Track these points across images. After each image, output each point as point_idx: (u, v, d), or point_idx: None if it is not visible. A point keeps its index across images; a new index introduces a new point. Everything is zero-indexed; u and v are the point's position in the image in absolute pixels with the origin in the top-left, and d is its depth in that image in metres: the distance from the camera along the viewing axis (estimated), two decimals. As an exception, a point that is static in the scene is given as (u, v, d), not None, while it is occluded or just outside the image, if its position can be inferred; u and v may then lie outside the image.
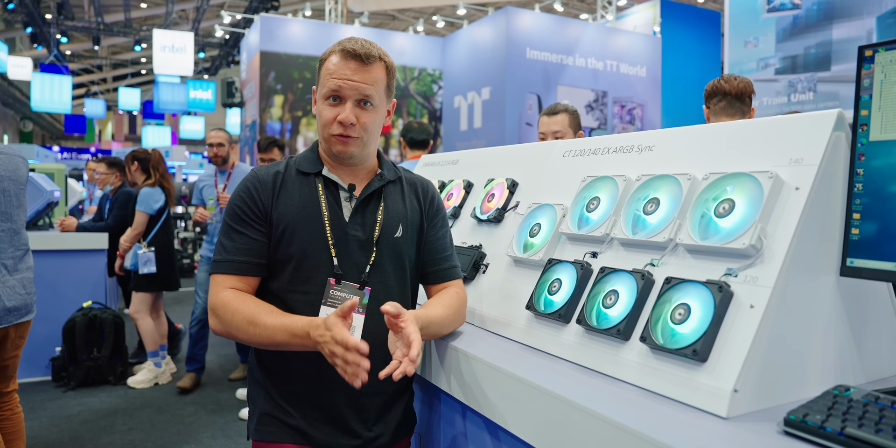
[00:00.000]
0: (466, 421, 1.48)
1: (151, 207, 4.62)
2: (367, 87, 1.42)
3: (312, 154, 1.54)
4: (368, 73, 1.42)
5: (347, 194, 1.49)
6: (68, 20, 16.37)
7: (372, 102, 1.44)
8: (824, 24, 7.85)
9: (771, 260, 1.04)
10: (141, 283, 4.64)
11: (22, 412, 2.67)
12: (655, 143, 1.43)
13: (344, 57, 1.41)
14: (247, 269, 1.42)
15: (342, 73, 1.41)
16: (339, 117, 1.41)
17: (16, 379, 2.63)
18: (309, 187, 1.48)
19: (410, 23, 18.15)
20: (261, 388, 1.49)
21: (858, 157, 1.06)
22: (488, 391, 1.31)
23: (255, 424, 1.48)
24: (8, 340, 2.47)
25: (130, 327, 5.65)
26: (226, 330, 1.37)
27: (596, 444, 1.00)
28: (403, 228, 1.51)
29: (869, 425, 0.83)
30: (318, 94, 1.47)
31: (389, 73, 1.48)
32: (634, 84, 11.89)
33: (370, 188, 1.50)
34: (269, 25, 11.37)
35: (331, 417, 1.43)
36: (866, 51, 1.06)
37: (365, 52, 1.41)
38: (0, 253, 2.38)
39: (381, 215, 1.49)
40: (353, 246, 1.44)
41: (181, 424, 3.90)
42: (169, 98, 17.21)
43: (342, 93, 1.41)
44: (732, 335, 1.02)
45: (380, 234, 1.47)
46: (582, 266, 1.37)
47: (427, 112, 12.68)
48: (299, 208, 1.44)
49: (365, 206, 1.49)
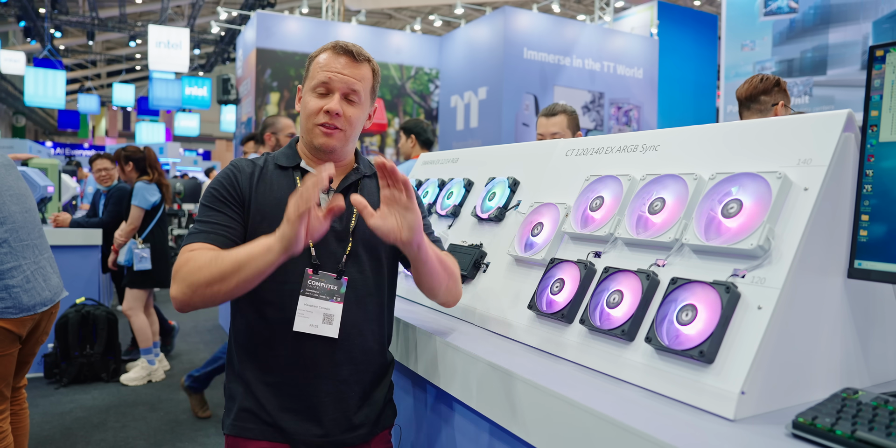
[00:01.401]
0: (454, 414, 1.47)
1: (147, 201, 4.58)
2: (355, 82, 1.46)
3: (290, 150, 1.57)
4: (358, 69, 1.47)
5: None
6: (62, 15, 16.26)
7: (358, 98, 1.48)
8: (821, 29, 7.88)
9: (779, 261, 1.03)
10: (135, 280, 4.61)
11: (28, 409, 2.65)
12: (660, 143, 1.42)
13: (335, 53, 1.47)
14: (218, 240, 1.37)
15: (333, 67, 1.45)
16: (326, 106, 1.44)
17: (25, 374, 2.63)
18: (287, 180, 1.50)
19: (407, 22, 18.11)
20: (240, 382, 1.47)
21: (868, 159, 1.05)
22: (489, 391, 1.29)
23: (231, 419, 1.45)
24: (38, 331, 2.48)
25: (123, 324, 5.61)
26: (185, 283, 1.26)
27: (601, 445, 0.99)
28: None
29: (880, 428, 0.82)
30: (306, 88, 1.50)
31: (375, 77, 1.53)
32: (631, 86, 11.91)
33: (347, 181, 1.54)
34: (266, 22, 11.33)
35: (310, 408, 1.43)
36: (877, 51, 1.05)
37: (356, 50, 1.48)
38: (30, 233, 2.41)
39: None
40: (329, 237, 1.46)
41: (174, 422, 3.88)
42: (163, 94, 17.12)
43: (331, 85, 1.45)
44: (740, 337, 1.01)
45: (355, 225, 1.50)
46: (585, 266, 1.35)
47: (423, 111, 12.67)
48: (277, 200, 1.45)
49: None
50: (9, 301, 2.24)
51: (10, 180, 2.39)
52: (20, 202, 2.40)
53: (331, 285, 1.45)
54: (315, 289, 1.43)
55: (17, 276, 2.29)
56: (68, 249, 4.85)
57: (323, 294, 1.44)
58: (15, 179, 2.43)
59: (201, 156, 23.34)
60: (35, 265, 2.38)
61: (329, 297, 1.44)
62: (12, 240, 2.30)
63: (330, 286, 1.44)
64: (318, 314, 1.43)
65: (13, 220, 2.32)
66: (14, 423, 2.55)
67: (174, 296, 1.29)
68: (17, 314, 2.26)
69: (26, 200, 2.45)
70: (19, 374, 2.56)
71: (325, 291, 1.44)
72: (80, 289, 4.90)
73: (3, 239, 2.26)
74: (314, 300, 1.43)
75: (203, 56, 21.17)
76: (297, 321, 1.42)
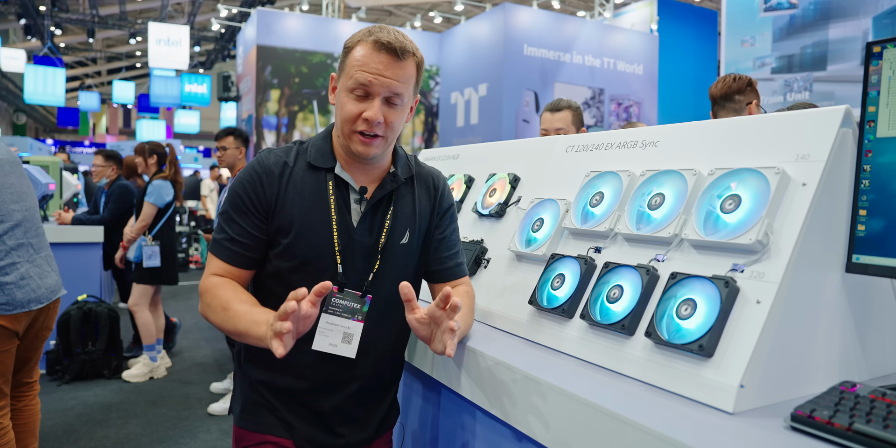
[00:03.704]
0: (456, 409, 1.48)
1: (163, 199, 4.61)
2: (398, 85, 1.31)
3: (326, 145, 1.44)
4: (401, 69, 1.31)
5: (358, 196, 1.42)
6: (62, 12, 16.25)
7: (401, 100, 1.33)
8: (821, 24, 7.87)
9: (777, 255, 1.04)
10: (143, 276, 4.63)
11: (39, 404, 2.68)
12: (659, 139, 1.43)
13: (376, 49, 1.29)
14: (238, 260, 1.38)
15: (373, 67, 1.28)
16: (365, 114, 1.30)
17: (38, 369, 2.67)
18: (318, 185, 1.40)
19: (407, 18, 18.09)
20: (248, 377, 1.48)
21: (865, 154, 1.06)
22: (492, 386, 1.30)
23: (240, 410, 1.46)
24: (36, 326, 2.50)
25: (125, 321, 5.63)
26: (204, 313, 1.35)
27: (602, 438, 1.00)
28: (410, 234, 1.47)
29: (877, 421, 0.83)
30: (342, 85, 1.34)
31: (419, 70, 1.37)
32: (631, 82, 11.91)
33: (382, 191, 1.43)
34: (266, 19, 11.32)
35: (317, 415, 1.43)
36: (874, 47, 1.06)
37: (400, 46, 1.29)
38: (27, 232, 2.43)
39: (388, 221, 1.43)
40: (357, 253, 1.40)
41: (176, 418, 3.89)
42: (164, 92, 17.12)
43: (371, 88, 1.29)
44: (739, 330, 1.02)
45: (385, 241, 1.42)
46: (586, 261, 1.36)
47: (423, 108, 12.66)
48: (307, 209, 1.37)
49: (375, 210, 1.43)
50: (2, 297, 2.28)
51: (13, 178, 2.40)
52: (20, 200, 2.41)
53: (354, 304, 1.39)
54: (338, 307, 1.38)
55: (10, 274, 2.32)
56: (70, 246, 4.86)
57: (345, 312, 1.39)
58: (18, 177, 2.44)
59: (202, 153, 23.31)
60: (30, 264, 2.41)
61: (351, 316, 1.39)
62: (7, 238, 2.33)
63: (353, 304, 1.39)
64: (339, 333, 1.38)
65: (11, 218, 2.34)
66: (24, 419, 2.58)
67: (199, 310, 1.37)
68: (12, 311, 2.30)
69: (27, 198, 2.47)
70: (25, 369, 2.58)
71: (347, 309, 1.39)
72: (82, 286, 4.91)
73: None
74: (336, 318, 1.38)
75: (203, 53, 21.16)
76: (317, 340, 1.36)
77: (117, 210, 5.08)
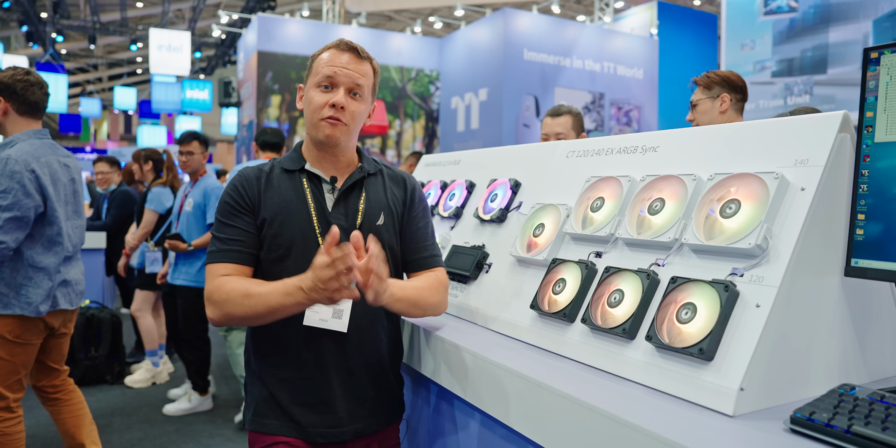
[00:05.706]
0: (459, 413, 1.49)
1: (163, 206, 4.62)
2: (360, 78, 1.51)
3: (295, 154, 1.60)
4: (362, 65, 1.52)
5: (330, 186, 1.56)
6: (64, 19, 16.30)
7: (361, 93, 1.52)
8: (821, 28, 7.90)
9: (777, 260, 1.05)
10: (146, 282, 4.64)
11: (79, 390, 2.89)
12: (659, 144, 1.44)
13: (340, 50, 1.51)
14: (239, 257, 1.47)
15: (337, 62, 1.49)
16: (331, 100, 1.47)
17: (64, 363, 2.86)
18: (293, 182, 1.54)
19: (408, 24, 18.14)
20: (256, 379, 1.53)
21: (863, 159, 1.07)
22: (494, 390, 1.31)
23: (251, 415, 1.52)
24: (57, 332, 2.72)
25: (128, 327, 5.63)
26: (222, 312, 1.38)
27: (603, 441, 1.00)
28: (385, 216, 1.57)
29: (875, 423, 0.83)
30: (310, 84, 1.53)
31: (376, 75, 1.57)
32: (631, 86, 11.92)
33: (352, 179, 1.56)
34: (267, 25, 11.36)
35: (323, 401, 1.47)
36: (872, 53, 1.07)
37: (360, 49, 1.53)
38: (73, 240, 2.70)
39: (363, 204, 1.55)
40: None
41: (179, 423, 3.90)
42: (165, 98, 17.14)
43: (336, 79, 1.48)
44: (738, 334, 1.03)
45: (362, 222, 1.53)
46: (587, 265, 1.37)
47: (424, 113, 12.69)
48: (286, 202, 1.50)
49: (347, 196, 1.55)
50: (61, 295, 2.61)
51: (74, 186, 2.72)
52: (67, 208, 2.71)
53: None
54: None
55: (71, 273, 2.68)
56: (72, 253, 4.85)
57: None
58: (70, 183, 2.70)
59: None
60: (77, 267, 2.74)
61: None
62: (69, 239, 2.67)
63: None
64: (328, 309, 1.46)
65: (60, 225, 2.60)
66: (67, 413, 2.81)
67: (211, 317, 1.41)
68: (57, 307, 2.59)
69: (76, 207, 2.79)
70: (49, 373, 2.78)
71: None
72: (85, 292, 4.91)
73: (56, 241, 2.58)
74: None
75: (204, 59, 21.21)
76: (307, 315, 1.45)
77: (119, 216, 5.10)
